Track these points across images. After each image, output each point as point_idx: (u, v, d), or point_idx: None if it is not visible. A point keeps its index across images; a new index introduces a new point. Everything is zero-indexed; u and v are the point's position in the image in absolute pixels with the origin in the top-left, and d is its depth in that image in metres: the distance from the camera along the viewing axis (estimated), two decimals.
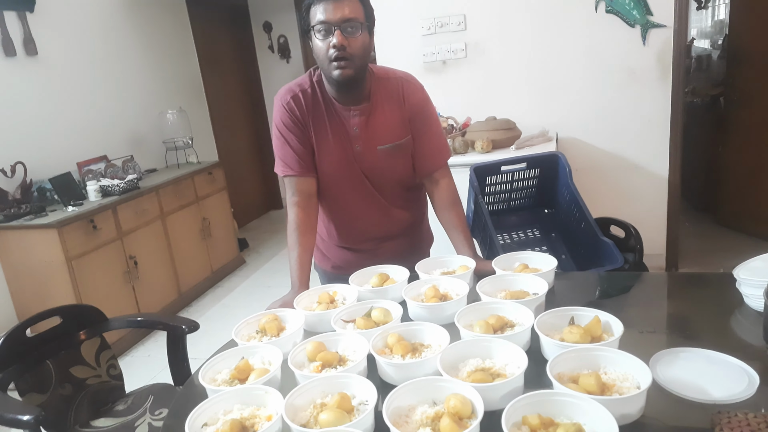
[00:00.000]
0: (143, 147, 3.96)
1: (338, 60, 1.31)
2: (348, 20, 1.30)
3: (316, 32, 1.32)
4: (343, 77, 1.33)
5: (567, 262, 1.86)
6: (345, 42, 1.30)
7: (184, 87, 4.49)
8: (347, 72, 1.33)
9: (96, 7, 3.61)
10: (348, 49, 1.31)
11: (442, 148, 1.58)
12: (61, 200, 2.99)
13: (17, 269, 2.86)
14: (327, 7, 1.29)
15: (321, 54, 1.33)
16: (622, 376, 0.89)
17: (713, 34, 4.78)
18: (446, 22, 3.16)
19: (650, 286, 1.45)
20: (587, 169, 3.11)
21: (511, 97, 3.18)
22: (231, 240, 4.27)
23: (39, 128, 3.15)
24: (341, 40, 1.29)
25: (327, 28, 1.30)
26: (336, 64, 1.31)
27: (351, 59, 1.32)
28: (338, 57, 1.30)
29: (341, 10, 1.29)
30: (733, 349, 0.98)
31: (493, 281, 1.28)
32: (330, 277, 1.68)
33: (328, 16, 1.29)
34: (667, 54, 2.91)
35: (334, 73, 1.33)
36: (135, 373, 2.82)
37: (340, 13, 1.29)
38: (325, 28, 1.30)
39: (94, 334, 1.69)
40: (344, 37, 1.30)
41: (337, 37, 1.29)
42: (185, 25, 4.55)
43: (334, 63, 1.31)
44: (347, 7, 1.29)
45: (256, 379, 1.01)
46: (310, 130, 1.46)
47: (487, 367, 0.96)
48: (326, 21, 1.29)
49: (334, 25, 1.29)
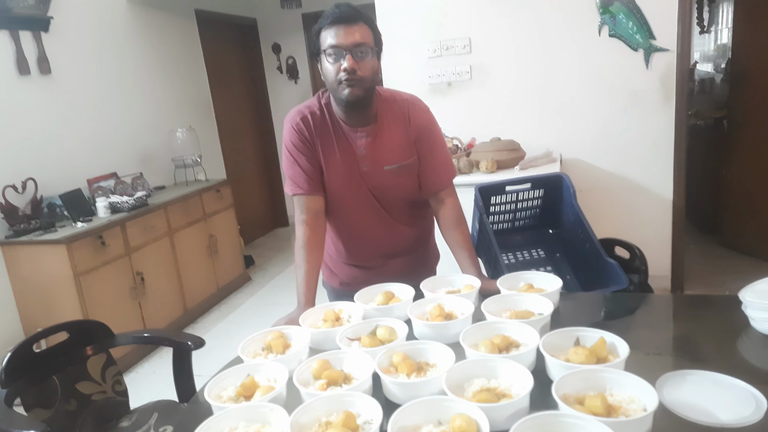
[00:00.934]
0: (153, 164, 4.01)
1: (348, 81, 1.35)
2: (359, 45, 1.35)
3: (328, 56, 1.36)
4: (352, 97, 1.37)
5: (572, 282, 1.86)
6: (355, 65, 1.34)
7: (193, 106, 4.55)
8: (356, 92, 1.37)
9: (108, 27, 3.69)
10: (358, 71, 1.35)
11: (448, 168, 1.60)
12: (71, 216, 3.02)
13: (26, 284, 2.88)
14: (339, 32, 1.34)
15: (331, 76, 1.37)
16: (629, 398, 0.89)
17: (716, 58, 4.81)
18: (451, 45, 3.21)
19: (656, 308, 1.45)
20: (591, 190, 3.12)
21: (515, 119, 3.21)
22: (237, 257, 4.29)
23: (50, 145, 3.20)
24: (352, 64, 1.34)
25: (338, 52, 1.34)
26: (346, 84, 1.36)
27: (360, 81, 1.36)
28: (348, 79, 1.35)
29: (352, 36, 1.34)
30: (740, 371, 0.97)
31: (499, 301, 1.29)
32: (338, 294, 1.70)
33: (339, 40, 1.34)
34: (670, 77, 2.94)
35: (343, 93, 1.37)
36: (140, 389, 2.81)
37: (352, 38, 1.34)
38: (336, 52, 1.34)
39: (101, 350, 1.70)
40: (355, 60, 1.34)
41: (348, 60, 1.34)
42: (196, 45, 4.64)
43: (344, 84, 1.36)
44: (358, 33, 1.34)
45: (262, 396, 1.01)
46: (318, 150, 1.49)
47: (493, 387, 0.96)
48: (338, 45, 1.34)
49: (345, 49, 1.34)
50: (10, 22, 2.97)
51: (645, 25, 2.90)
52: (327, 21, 1.36)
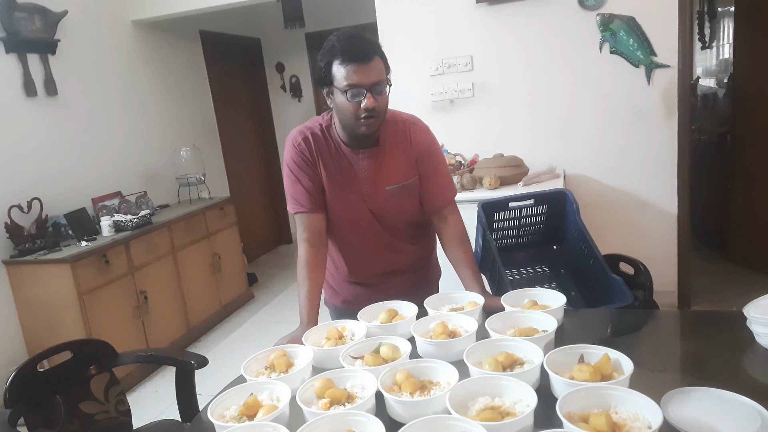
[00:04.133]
0: (157, 183, 4.04)
1: (368, 119, 1.36)
2: (377, 83, 1.35)
3: (344, 92, 1.34)
4: (370, 132, 1.39)
5: (576, 299, 1.85)
6: (376, 104, 1.35)
7: (198, 125, 4.60)
8: (374, 128, 1.39)
9: (114, 49, 3.75)
10: (377, 108, 1.36)
11: (449, 186, 1.61)
12: (75, 235, 3.04)
13: (29, 303, 2.89)
14: (359, 71, 1.32)
15: (348, 113, 1.37)
16: (633, 415, 0.88)
17: (718, 73, 4.84)
18: (453, 63, 3.24)
19: (660, 324, 1.44)
20: (595, 206, 3.12)
21: (518, 135, 3.22)
22: (240, 275, 4.29)
23: (56, 165, 3.24)
24: (372, 103, 1.34)
25: (358, 91, 1.33)
26: (365, 122, 1.36)
27: (378, 116, 1.38)
28: (368, 116, 1.35)
29: (370, 74, 1.33)
30: (746, 388, 0.96)
31: (503, 318, 1.28)
32: (340, 312, 1.69)
33: (360, 79, 1.32)
34: (672, 93, 2.95)
35: (362, 129, 1.38)
36: (143, 408, 2.79)
37: (370, 77, 1.33)
38: (355, 91, 1.33)
39: (104, 369, 1.70)
40: (374, 98, 1.34)
41: (369, 99, 1.33)
42: (200, 65, 4.69)
43: (362, 121, 1.36)
44: (375, 70, 1.34)
45: (265, 415, 1.01)
46: (320, 169, 1.50)
47: (497, 406, 0.96)
48: (358, 84, 1.32)
49: (365, 89, 1.33)
50: (18, 46, 3.02)
51: (645, 41, 2.93)
52: (341, 56, 1.32)
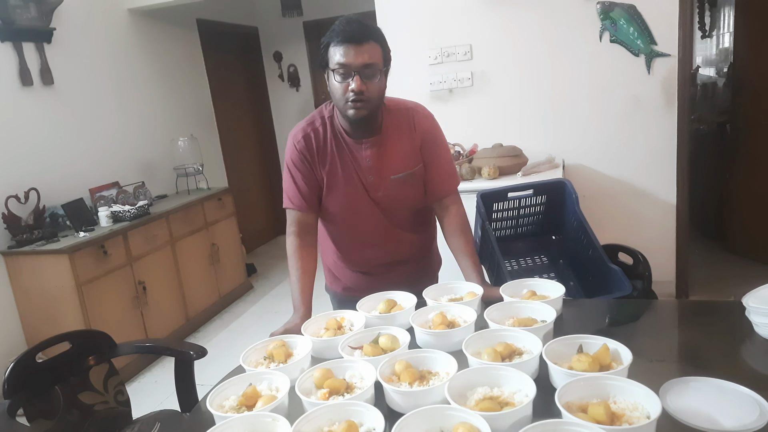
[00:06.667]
0: (154, 173, 4.02)
1: (355, 102, 1.34)
2: (367, 66, 1.33)
3: (336, 73, 1.34)
4: (358, 116, 1.38)
5: (575, 289, 1.85)
6: (363, 87, 1.33)
7: (195, 115, 4.57)
8: (362, 113, 1.37)
9: (110, 37, 3.72)
10: (365, 93, 1.34)
11: (452, 175, 1.61)
12: (73, 226, 3.03)
13: (28, 294, 2.88)
14: (348, 51, 1.31)
15: (338, 94, 1.37)
16: (632, 405, 0.89)
17: (718, 62, 4.82)
18: (453, 52, 3.21)
19: (659, 314, 1.44)
20: (594, 196, 3.11)
21: (517, 125, 3.21)
22: (239, 265, 4.29)
23: (53, 155, 3.22)
24: (359, 86, 1.32)
25: (346, 71, 1.33)
26: (352, 105, 1.35)
27: (367, 101, 1.36)
28: (355, 100, 1.34)
29: (362, 56, 1.31)
30: (744, 378, 0.97)
31: (501, 308, 1.28)
32: (341, 299, 1.71)
33: (348, 60, 1.31)
34: (672, 82, 2.94)
35: (349, 112, 1.37)
36: (142, 399, 2.80)
37: (361, 59, 1.32)
38: (344, 71, 1.33)
39: (103, 360, 1.70)
40: (363, 82, 1.33)
41: (356, 82, 1.32)
42: (197, 54, 4.66)
43: (350, 104, 1.35)
44: (367, 53, 1.32)
45: (264, 406, 1.01)
46: (318, 168, 1.50)
47: (495, 396, 0.96)
48: (346, 64, 1.32)
49: (353, 69, 1.32)
50: (13, 34, 2.99)
51: (646, 30, 2.91)
52: (337, 38, 1.32)
